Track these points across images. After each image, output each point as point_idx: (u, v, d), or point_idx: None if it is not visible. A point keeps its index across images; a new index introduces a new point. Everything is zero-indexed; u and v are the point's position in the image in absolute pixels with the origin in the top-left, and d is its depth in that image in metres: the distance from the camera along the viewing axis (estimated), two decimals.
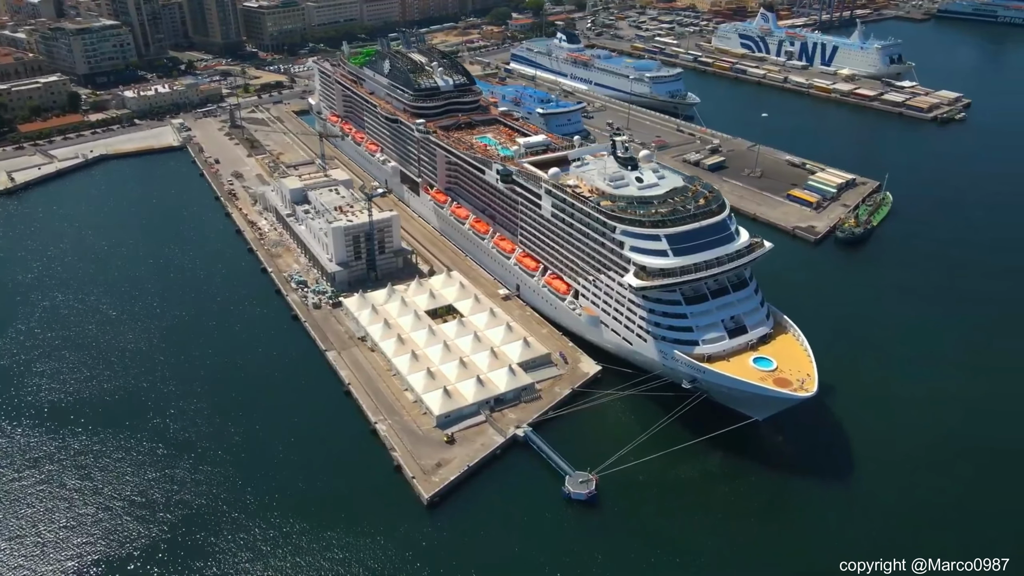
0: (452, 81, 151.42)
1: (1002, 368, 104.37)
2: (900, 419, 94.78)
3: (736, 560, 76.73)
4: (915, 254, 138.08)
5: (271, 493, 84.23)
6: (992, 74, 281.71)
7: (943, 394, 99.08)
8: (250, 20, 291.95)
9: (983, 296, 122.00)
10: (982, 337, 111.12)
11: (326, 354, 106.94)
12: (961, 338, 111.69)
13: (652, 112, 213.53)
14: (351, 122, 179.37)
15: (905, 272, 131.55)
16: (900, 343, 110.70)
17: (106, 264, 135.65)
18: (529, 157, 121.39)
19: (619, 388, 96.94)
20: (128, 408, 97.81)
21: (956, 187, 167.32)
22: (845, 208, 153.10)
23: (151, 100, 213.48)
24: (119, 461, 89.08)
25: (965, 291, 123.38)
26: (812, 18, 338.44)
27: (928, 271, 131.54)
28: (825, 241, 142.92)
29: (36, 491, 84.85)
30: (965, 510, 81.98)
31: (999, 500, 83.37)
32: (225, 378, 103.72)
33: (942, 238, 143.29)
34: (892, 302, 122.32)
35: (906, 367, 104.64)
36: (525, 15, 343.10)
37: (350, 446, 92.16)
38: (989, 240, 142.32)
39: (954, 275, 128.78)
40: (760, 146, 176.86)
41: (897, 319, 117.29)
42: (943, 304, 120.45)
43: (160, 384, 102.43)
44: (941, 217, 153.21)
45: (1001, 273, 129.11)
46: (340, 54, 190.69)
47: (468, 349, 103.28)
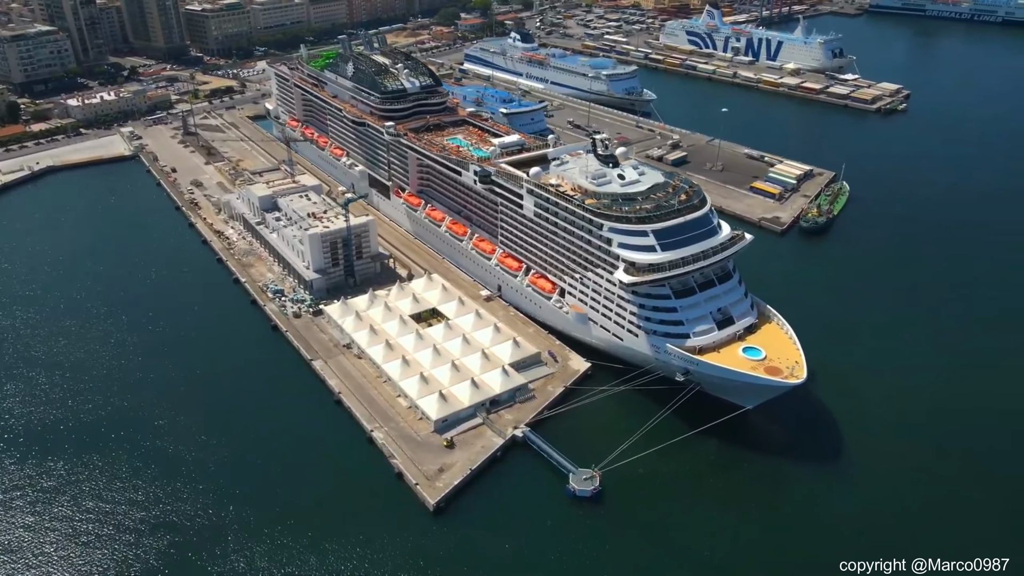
0: (419, 83, 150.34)
1: (974, 351, 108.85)
2: (883, 404, 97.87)
3: (738, 558, 77.57)
4: (876, 240, 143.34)
5: (271, 508, 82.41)
6: (926, 66, 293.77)
7: (921, 381, 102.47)
8: (193, 24, 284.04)
9: (943, 277, 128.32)
10: (952, 322, 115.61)
11: (312, 364, 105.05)
12: (930, 321, 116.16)
13: (611, 110, 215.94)
14: (312, 126, 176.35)
15: (869, 258, 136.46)
16: (874, 328, 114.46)
17: (67, 280, 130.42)
18: (506, 157, 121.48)
19: (613, 384, 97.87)
20: (111, 427, 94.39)
21: (906, 174, 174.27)
22: (806, 199, 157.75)
23: (97, 108, 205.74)
24: (108, 483, 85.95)
25: (925, 273, 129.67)
26: (753, 15, 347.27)
27: (889, 256, 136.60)
28: (790, 231, 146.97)
29: (23, 521, 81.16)
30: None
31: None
32: (209, 392, 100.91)
33: (899, 223, 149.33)
34: (860, 287, 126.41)
35: (882, 353, 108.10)
36: (473, 15, 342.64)
37: (348, 455, 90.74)
38: (942, 222, 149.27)
39: (913, 258, 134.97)
40: (719, 140, 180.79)
41: (868, 304, 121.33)
42: (907, 287, 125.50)
43: (141, 401, 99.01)
44: (895, 203, 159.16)
45: (955, 253, 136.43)
46: (298, 57, 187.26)
47: (459, 352, 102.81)
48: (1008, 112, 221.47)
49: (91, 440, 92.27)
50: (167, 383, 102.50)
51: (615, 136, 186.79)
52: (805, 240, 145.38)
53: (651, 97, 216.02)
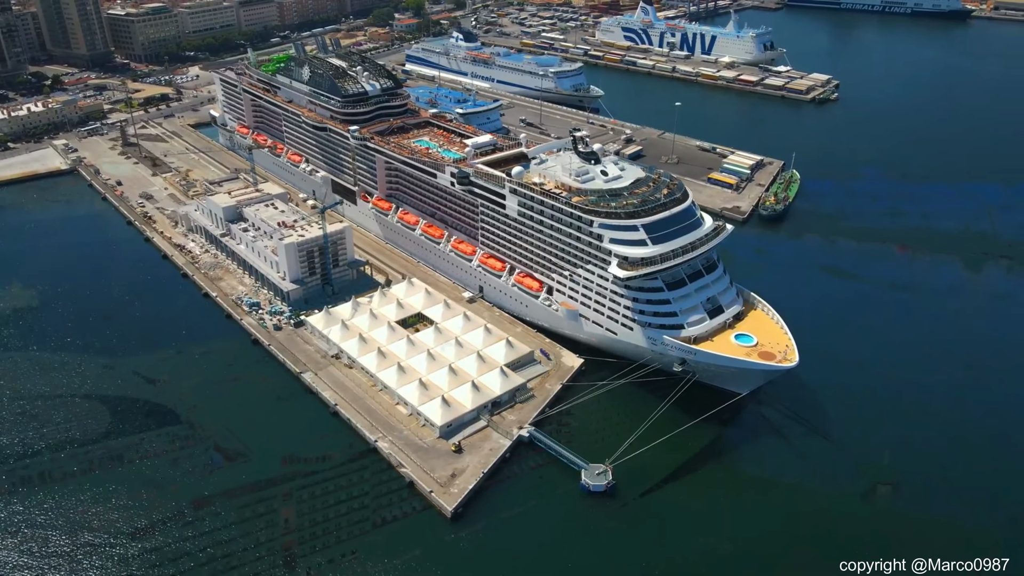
0: (379, 85, 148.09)
1: (941, 329, 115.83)
2: (874, 380, 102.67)
3: (752, 546, 79.25)
4: (829, 222, 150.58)
5: (286, 527, 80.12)
6: (849, 56, 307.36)
7: (904, 357, 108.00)
8: (117, 29, 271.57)
9: (894, 255, 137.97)
10: (924, 300, 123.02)
11: (302, 376, 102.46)
12: (906, 299, 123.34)
13: (561, 107, 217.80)
14: (265, 133, 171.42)
15: (826, 240, 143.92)
16: (847, 306, 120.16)
17: (24, 308, 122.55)
18: (481, 158, 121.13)
19: (610, 379, 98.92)
20: (108, 456, 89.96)
21: (847, 157, 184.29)
22: (760, 187, 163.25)
23: (24, 121, 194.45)
24: (111, 514, 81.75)
25: (878, 249, 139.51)
26: (682, 9, 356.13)
27: (845, 237, 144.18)
28: (751, 219, 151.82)
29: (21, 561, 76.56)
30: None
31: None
32: (201, 412, 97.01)
33: (847, 202, 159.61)
34: (824, 269, 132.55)
35: (861, 332, 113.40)
36: (407, 15, 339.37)
37: (353, 469, 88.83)
38: (883, 198, 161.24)
39: (866, 237, 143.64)
40: (672, 134, 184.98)
41: (836, 285, 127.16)
42: (865, 264, 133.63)
43: (133, 428, 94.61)
44: (841, 186, 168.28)
45: (899, 227, 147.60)
46: (245, 62, 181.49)
47: (453, 355, 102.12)
48: (928, 99, 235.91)
49: (88, 470, 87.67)
50: (154, 405, 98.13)
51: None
52: (765, 227, 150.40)
53: (599, 93, 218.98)
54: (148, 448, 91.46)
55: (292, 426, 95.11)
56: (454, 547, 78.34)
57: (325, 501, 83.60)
